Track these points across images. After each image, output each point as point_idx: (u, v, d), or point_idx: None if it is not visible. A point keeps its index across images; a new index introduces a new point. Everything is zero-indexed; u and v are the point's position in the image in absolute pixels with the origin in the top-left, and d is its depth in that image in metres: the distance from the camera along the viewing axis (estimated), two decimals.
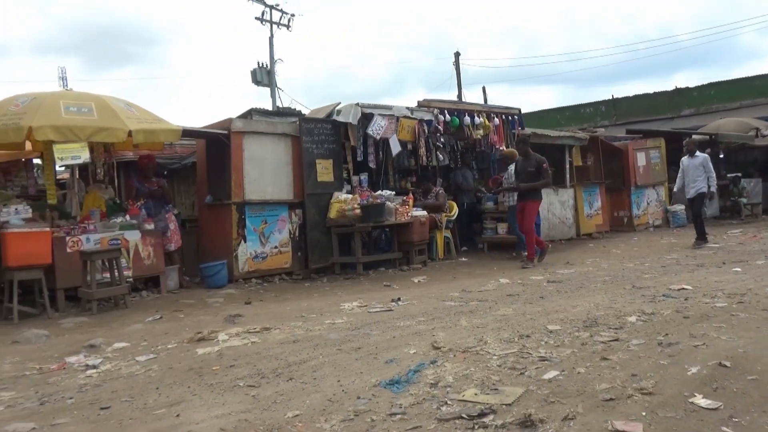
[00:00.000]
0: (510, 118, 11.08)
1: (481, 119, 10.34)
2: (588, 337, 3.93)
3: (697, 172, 9.47)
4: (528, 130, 11.69)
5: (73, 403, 3.22)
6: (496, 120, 10.68)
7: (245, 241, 8.03)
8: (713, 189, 9.51)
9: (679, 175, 9.94)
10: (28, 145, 7.55)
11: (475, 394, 2.93)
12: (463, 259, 9.75)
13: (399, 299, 6.03)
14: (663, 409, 2.61)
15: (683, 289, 5.46)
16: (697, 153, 9.70)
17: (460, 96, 25.40)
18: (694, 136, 12.81)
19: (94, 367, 3.98)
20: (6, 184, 8.29)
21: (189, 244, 8.63)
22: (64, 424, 2.89)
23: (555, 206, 11.47)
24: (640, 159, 13.42)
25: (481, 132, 10.35)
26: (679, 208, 13.17)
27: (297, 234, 8.63)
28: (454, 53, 26.60)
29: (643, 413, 2.57)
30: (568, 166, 11.93)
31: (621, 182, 13.24)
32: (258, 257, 8.18)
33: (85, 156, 6.48)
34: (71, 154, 6.37)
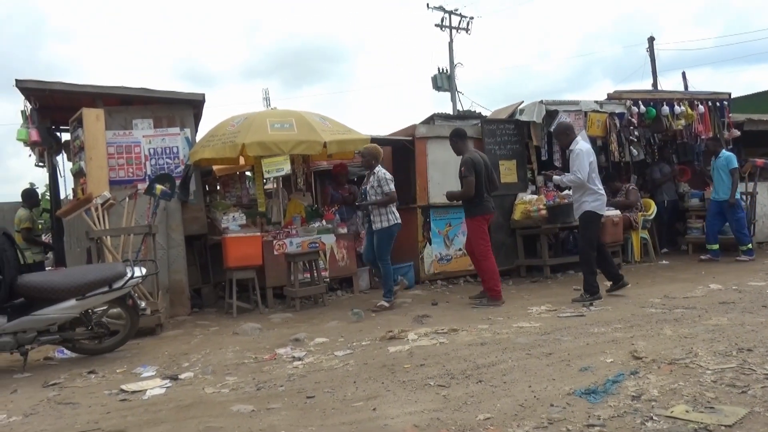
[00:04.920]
0: (718, 104, 9.86)
1: (683, 108, 9.34)
2: None
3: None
4: (741, 117, 10.33)
5: (283, 391, 3.56)
6: (701, 107, 9.57)
7: (430, 244, 8.22)
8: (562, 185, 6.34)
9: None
10: (242, 160, 8.54)
11: (687, 412, 2.65)
12: (664, 262, 8.90)
13: (591, 304, 5.70)
14: None
15: None
16: (579, 140, 6.16)
17: (655, 84, 23.30)
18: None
19: (300, 359, 4.36)
20: (225, 195, 9.47)
21: None
22: (277, 409, 3.21)
23: None
24: None
25: (682, 122, 9.36)
26: None
27: None
28: (648, 38, 24.48)
29: None
30: None
31: None
32: (443, 259, 8.32)
33: (287, 168, 7.17)
34: (276, 167, 7.08)
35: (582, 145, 6.16)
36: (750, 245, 8.42)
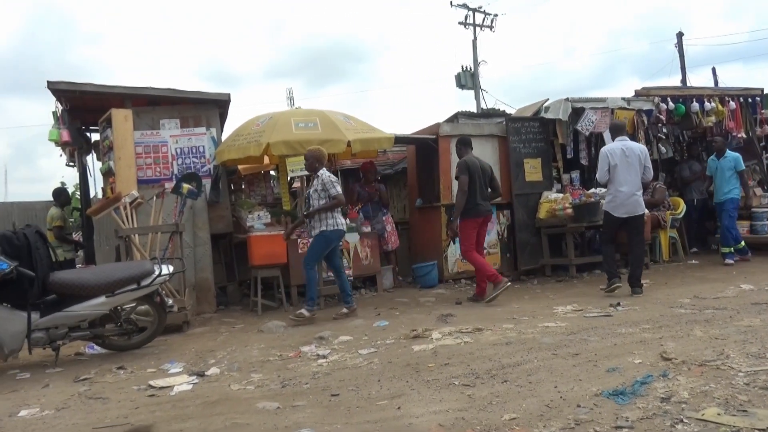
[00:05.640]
0: (750, 100, 9.63)
1: (713, 104, 9.16)
2: None
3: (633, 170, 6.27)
4: None
5: (308, 388, 3.58)
6: (732, 104, 9.37)
7: (454, 243, 8.16)
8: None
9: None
10: (267, 159, 8.62)
11: (718, 414, 2.59)
12: (693, 261, 8.73)
13: (618, 304, 5.62)
14: None
15: None
16: (617, 140, 6.40)
17: (684, 81, 22.83)
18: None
19: (324, 357, 4.38)
20: (250, 194, 9.56)
21: (401, 245, 9.06)
22: (302, 406, 3.23)
23: None
24: None
25: (713, 119, 9.17)
26: None
27: (505, 235, 8.55)
28: (677, 34, 23.98)
29: None
30: None
31: None
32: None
33: None
34: (300, 166, 7.10)
35: (608, 146, 6.48)
36: (732, 249, 8.19)
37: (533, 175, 8.61)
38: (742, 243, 8.33)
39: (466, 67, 23.37)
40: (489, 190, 6.66)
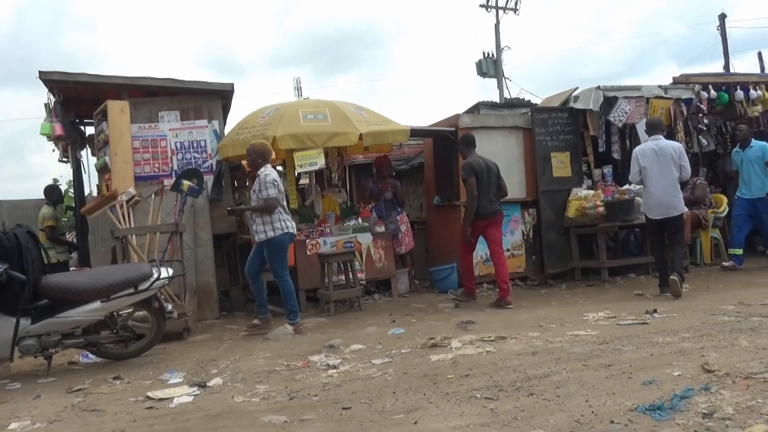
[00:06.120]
0: None
1: (759, 92, 9.06)
2: None
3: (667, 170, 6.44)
4: None
5: (317, 401, 3.58)
6: None
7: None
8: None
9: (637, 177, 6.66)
10: (273, 154, 8.64)
11: None
12: None
13: (655, 311, 5.57)
14: None
15: None
16: (659, 136, 6.64)
17: (727, 67, 22.60)
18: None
19: (335, 367, 4.38)
20: None
21: (417, 247, 9.06)
22: (311, 420, 3.23)
23: None
24: None
25: (759, 108, 9.08)
26: None
27: (531, 235, 8.51)
28: (719, 15, 23.74)
29: None
30: None
31: None
32: (488, 261, 8.21)
33: (321, 162, 7.23)
34: (309, 161, 7.15)
35: (640, 146, 6.85)
36: None
37: (561, 170, 8.55)
38: (741, 250, 8.10)
39: (488, 54, 23.34)
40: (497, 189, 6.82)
